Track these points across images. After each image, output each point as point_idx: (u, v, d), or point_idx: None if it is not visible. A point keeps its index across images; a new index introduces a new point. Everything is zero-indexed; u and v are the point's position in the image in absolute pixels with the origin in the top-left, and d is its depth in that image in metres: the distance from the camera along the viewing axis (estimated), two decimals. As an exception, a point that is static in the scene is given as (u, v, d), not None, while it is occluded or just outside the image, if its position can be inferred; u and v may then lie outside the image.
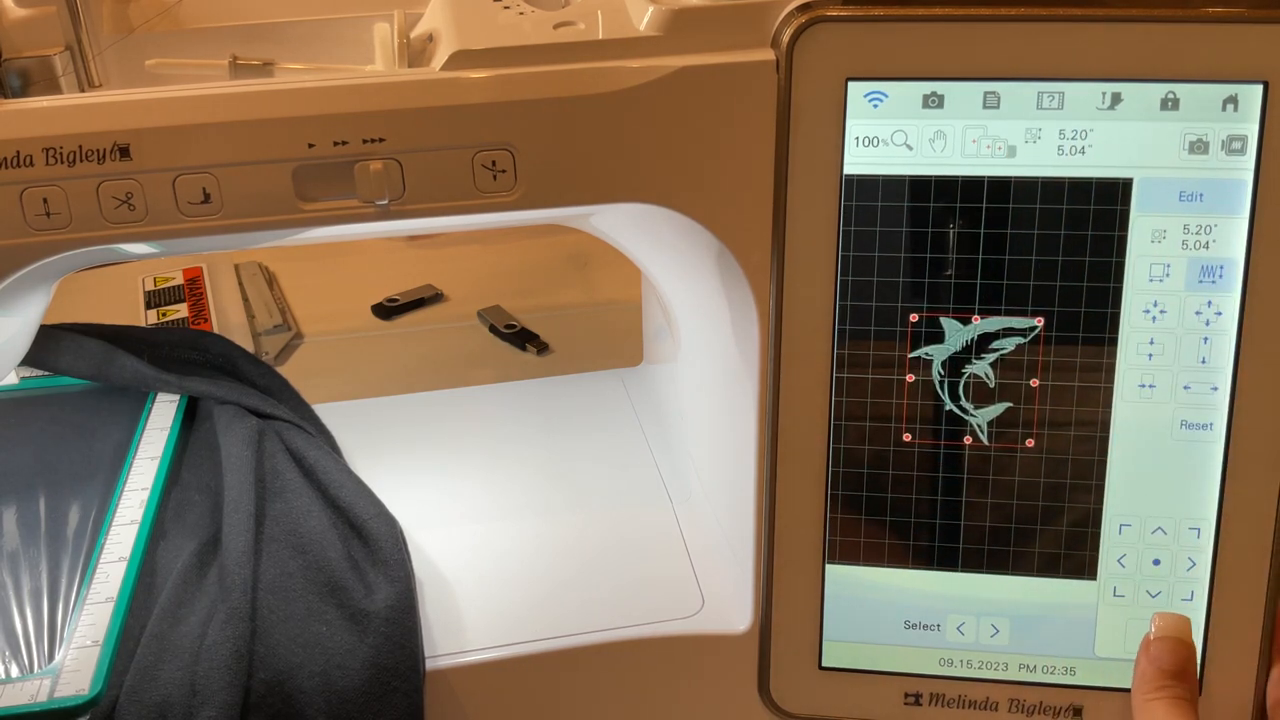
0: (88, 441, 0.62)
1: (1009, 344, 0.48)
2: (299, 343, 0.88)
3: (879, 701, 0.53)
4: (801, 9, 0.45)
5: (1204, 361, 0.48)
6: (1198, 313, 0.47)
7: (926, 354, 0.49)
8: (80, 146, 0.44)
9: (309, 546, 0.53)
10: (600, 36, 0.47)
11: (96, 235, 0.46)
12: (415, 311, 0.92)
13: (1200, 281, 0.47)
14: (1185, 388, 0.48)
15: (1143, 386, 0.48)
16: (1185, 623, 0.49)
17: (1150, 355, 0.48)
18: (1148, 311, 0.47)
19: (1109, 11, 0.45)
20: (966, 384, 0.49)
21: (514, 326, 0.88)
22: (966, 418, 0.49)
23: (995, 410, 0.49)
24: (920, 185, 0.47)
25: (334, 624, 0.51)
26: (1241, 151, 0.46)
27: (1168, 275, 0.47)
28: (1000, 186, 0.47)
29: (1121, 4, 0.45)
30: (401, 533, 0.56)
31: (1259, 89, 0.45)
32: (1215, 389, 0.48)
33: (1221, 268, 0.47)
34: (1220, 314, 0.47)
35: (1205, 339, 0.47)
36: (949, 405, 0.49)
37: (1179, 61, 0.45)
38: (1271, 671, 0.49)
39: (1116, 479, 0.49)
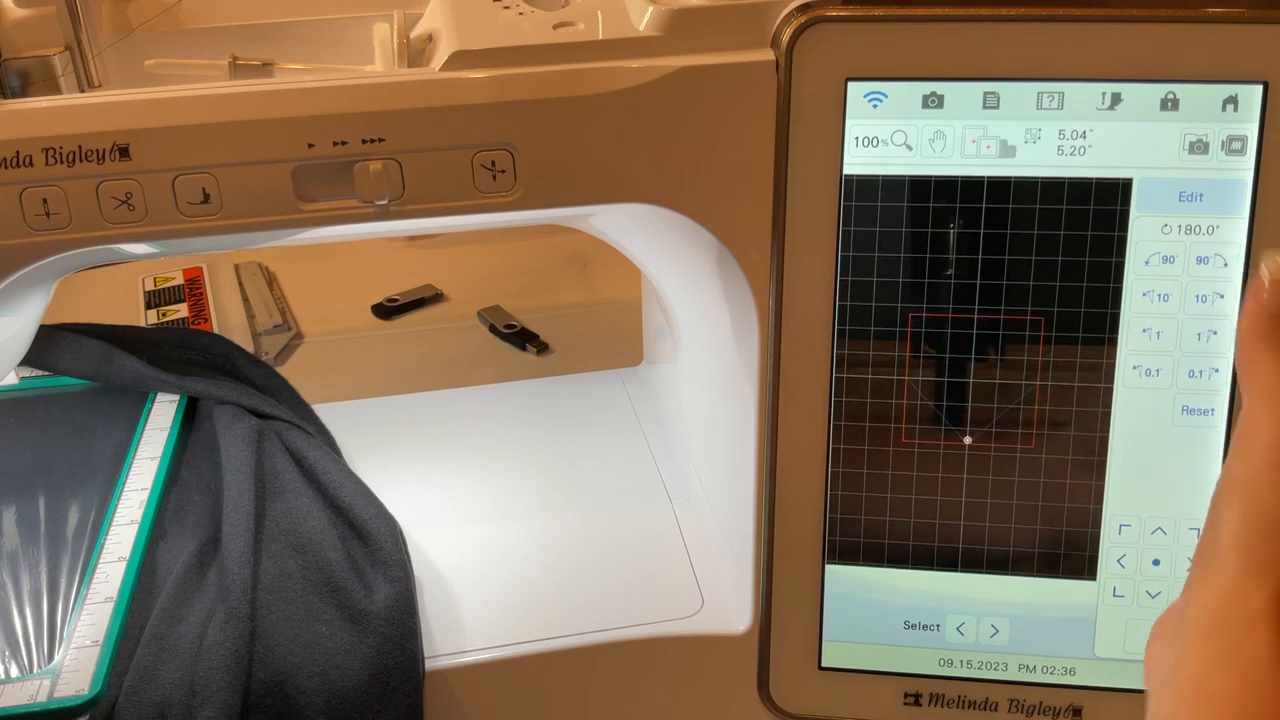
0: (88, 441, 0.62)
1: (1009, 344, 0.48)
2: (299, 343, 0.88)
3: (879, 701, 0.53)
4: (801, 9, 0.45)
5: (1200, 374, 0.48)
6: (1197, 309, 0.47)
7: (926, 354, 0.49)
8: (80, 146, 0.44)
9: (309, 546, 0.53)
10: (600, 36, 0.47)
11: (96, 235, 0.46)
12: (415, 311, 0.92)
13: (1200, 282, 0.47)
14: (1183, 408, 0.48)
15: (1146, 374, 0.48)
16: None
17: (1148, 359, 0.48)
18: (1147, 311, 0.47)
19: (1109, 11, 0.45)
20: (966, 384, 0.49)
21: (514, 326, 0.88)
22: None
23: (995, 410, 0.49)
24: (920, 185, 0.47)
25: (334, 624, 0.51)
26: (1241, 152, 0.46)
27: (1168, 276, 0.47)
28: (1000, 186, 0.47)
29: (1121, 4, 0.45)
30: (401, 533, 0.56)
31: (1259, 89, 0.45)
32: (1213, 406, 0.48)
33: (1222, 268, 0.47)
34: (1222, 317, 0.47)
35: (1201, 335, 0.47)
36: (949, 405, 0.49)
37: (1179, 61, 0.45)
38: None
39: (1116, 479, 0.49)
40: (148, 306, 0.91)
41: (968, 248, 0.48)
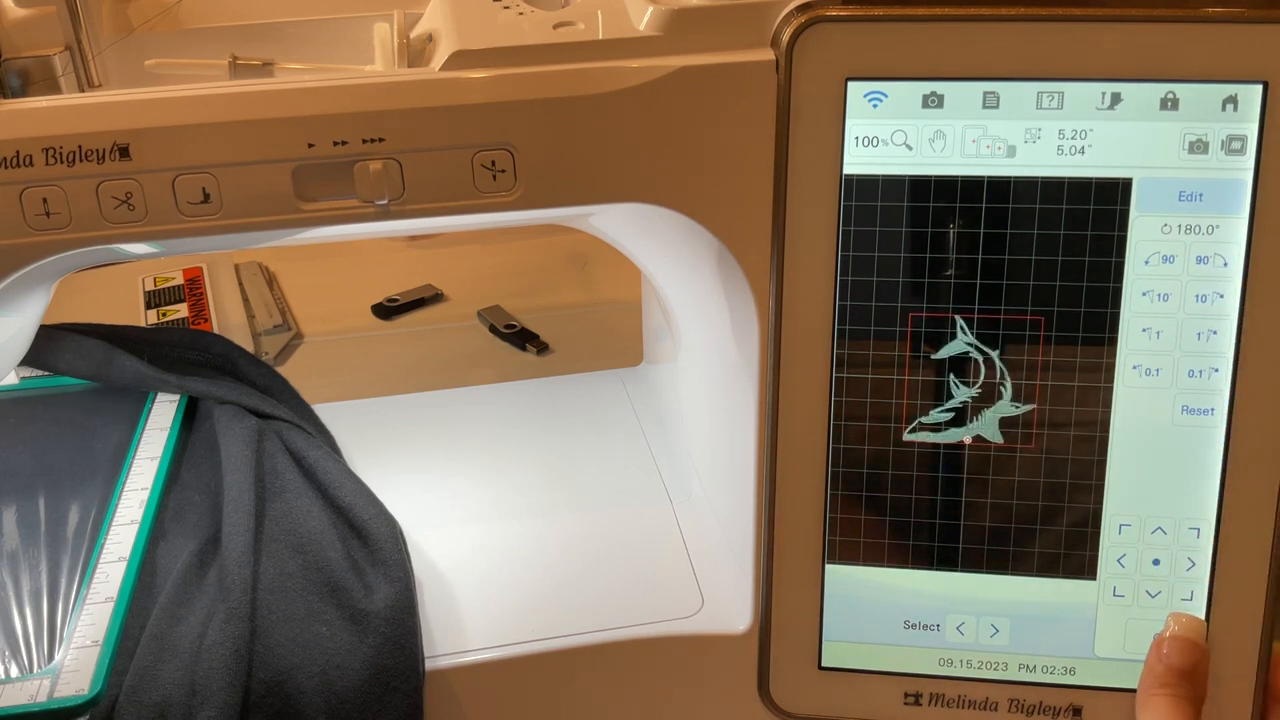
0: (88, 441, 0.62)
1: (1009, 344, 0.48)
2: (299, 343, 0.88)
3: (879, 701, 0.53)
4: (801, 9, 0.45)
5: (1200, 374, 0.48)
6: (1197, 309, 0.47)
7: (926, 354, 0.49)
8: (80, 146, 0.44)
9: (309, 546, 0.53)
10: (600, 36, 0.47)
11: (96, 235, 0.46)
12: (415, 311, 0.92)
13: (1199, 281, 0.47)
14: (1183, 408, 0.48)
15: (1146, 374, 0.48)
16: (1201, 625, 0.49)
17: (1148, 359, 0.48)
18: (1147, 311, 0.47)
19: (1109, 11, 0.45)
20: (967, 384, 0.49)
21: (514, 326, 0.88)
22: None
23: (995, 410, 0.49)
24: (920, 185, 0.47)
25: (334, 624, 0.51)
26: (1241, 151, 0.46)
27: (1167, 276, 0.47)
28: (1000, 186, 0.47)
29: (1121, 4, 0.45)
30: (401, 533, 0.56)
31: (1259, 89, 0.45)
32: (1213, 406, 0.48)
33: (1222, 268, 0.47)
34: (1222, 317, 0.47)
35: (1201, 334, 0.47)
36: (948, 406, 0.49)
37: (1179, 61, 0.45)
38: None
39: (1116, 478, 0.49)
40: (148, 306, 0.91)
41: (968, 248, 0.48)
